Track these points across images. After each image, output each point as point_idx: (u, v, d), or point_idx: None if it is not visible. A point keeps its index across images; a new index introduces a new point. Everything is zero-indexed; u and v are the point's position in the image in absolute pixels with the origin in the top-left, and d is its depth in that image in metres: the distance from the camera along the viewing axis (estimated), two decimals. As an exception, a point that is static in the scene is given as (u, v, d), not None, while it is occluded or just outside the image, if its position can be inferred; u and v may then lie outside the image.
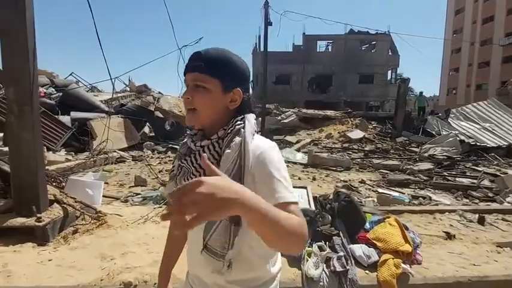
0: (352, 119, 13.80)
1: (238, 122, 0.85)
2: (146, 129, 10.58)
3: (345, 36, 28.68)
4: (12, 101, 2.46)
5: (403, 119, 12.77)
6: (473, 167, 7.76)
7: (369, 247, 2.26)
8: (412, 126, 12.80)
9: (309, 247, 2.21)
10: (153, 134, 10.69)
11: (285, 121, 14.02)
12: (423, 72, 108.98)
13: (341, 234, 2.33)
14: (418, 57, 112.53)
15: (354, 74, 28.68)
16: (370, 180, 6.30)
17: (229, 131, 0.83)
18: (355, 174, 7.07)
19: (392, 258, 2.13)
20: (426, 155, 9.04)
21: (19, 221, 2.51)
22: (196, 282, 0.91)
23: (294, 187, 0.82)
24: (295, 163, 8.00)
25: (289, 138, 12.40)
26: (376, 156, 9.25)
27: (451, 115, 11.94)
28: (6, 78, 2.46)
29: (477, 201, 4.85)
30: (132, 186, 5.31)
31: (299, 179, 6.25)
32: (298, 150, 10.02)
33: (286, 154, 8.59)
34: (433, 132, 11.42)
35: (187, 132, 0.96)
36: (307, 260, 2.09)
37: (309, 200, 2.56)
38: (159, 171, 6.59)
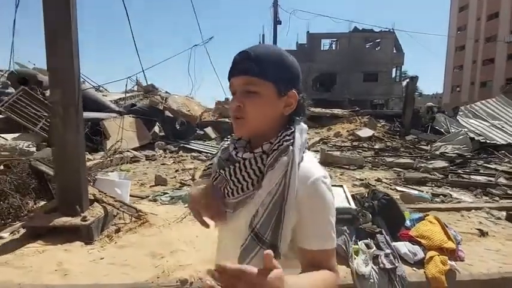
0: (360, 118, 13.82)
1: (287, 137, 0.73)
2: (156, 129, 10.64)
3: (349, 35, 28.59)
4: (58, 103, 2.50)
5: (411, 117, 12.77)
6: (485, 164, 7.78)
7: (413, 244, 2.30)
8: (421, 124, 12.80)
9: (355, 245, 2.25)
10: (163, 134, 10.75)
11: (292, 120, 14.04)
12: (426, 70, 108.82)
13: (383, 232, 2.37)
14: (422, 55, 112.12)
15: (358, 72, 28.56)
16: (386, 179, 6.33)
17: (276, 146, 0.72)
18: (369, 172, 7.11)
19: (438, 255, 2.17)
20: (437, 152, 9.06)
21: (64, 220, 2.56)
22: None
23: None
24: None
25: (297, 136, 12.43)
26: (387, 154, 9.27)
27: (460, 113, 11.94)
28: (52, 80, 2.49)
29: (497, 198, 4.87)
30: (153, 186, 5.36)
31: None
32: (308, 149, 10.06)
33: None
34: (442, 130, 11.44)
35: (230, 136, 0.86)
36: (355, 258, 2.13)
37: (347, 198, 2.60)
38: (176, 171, 6.65)
